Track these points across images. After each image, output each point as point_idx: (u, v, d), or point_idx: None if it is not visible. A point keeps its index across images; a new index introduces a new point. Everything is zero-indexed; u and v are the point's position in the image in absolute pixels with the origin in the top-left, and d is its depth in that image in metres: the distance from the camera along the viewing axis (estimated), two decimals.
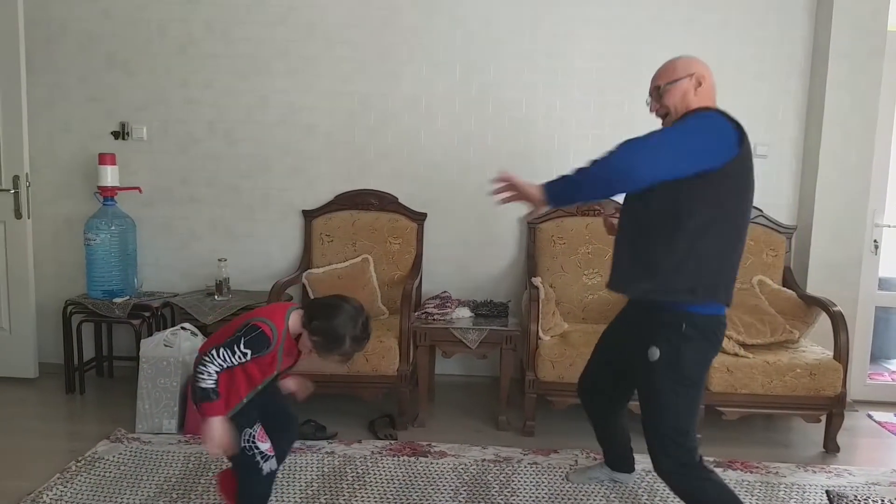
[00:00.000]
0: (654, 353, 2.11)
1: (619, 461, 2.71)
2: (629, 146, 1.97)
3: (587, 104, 3.80)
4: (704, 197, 2.00)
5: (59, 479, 2.66)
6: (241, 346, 2.04)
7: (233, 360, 2.04)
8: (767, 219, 3.71)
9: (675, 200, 2.02)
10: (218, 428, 2.04)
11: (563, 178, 2.05)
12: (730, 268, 2.11)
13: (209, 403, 2.03)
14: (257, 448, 2.19)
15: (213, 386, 2.03)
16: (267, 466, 2.21)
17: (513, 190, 2.09)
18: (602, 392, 2.53)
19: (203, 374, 2.02)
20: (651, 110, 2.25)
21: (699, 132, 2.01)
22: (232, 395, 2.15)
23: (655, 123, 2.27)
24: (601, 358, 2.51)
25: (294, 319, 2.14)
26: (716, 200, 2.01)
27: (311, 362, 2.73)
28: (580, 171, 2.02)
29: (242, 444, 2.16)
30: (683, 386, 2.11)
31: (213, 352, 2.03)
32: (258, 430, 2.20)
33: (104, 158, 3.63)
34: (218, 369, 2.04)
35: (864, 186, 3.64)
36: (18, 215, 3.72)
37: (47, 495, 2.52)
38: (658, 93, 2.18)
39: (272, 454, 2.22)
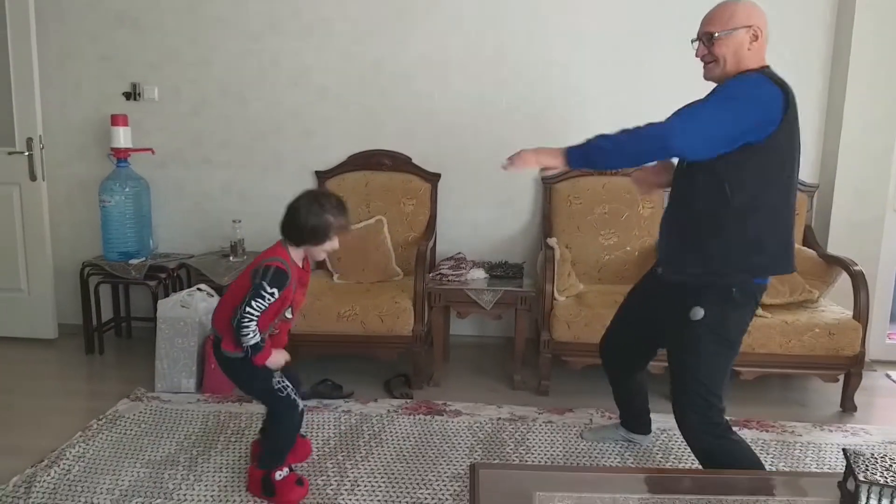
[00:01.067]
0: (698, 312, 2.06)
1: (636, 422, 2.71)
2: (663, 123, 1.92)
3: (602, 64, 3.71)
4: (750, 170, 1.93)
5: (80, 436, 2.70)
6: (268, 289, 2.14)
7: (265, 304, 2.14)
8: None
9: (720, 176, 1.95)
10: (275, 357, 2.25)
11: (589, 144, 2.00)
12: (785, 240, 2.05)
13: (261, 353, 2.20)
14: (288, 386, 2.32)
15: (258, 340, 2.17)
16: (301, 402, 2.34)
17: (524, 163, 2.12)
18: (625, 352, 2.51)
19: (248, 333, 2.14)
20: (697, 54, 2.09)
21: (741, 102, 1.91)
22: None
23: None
24: (627, 317, 2.49)
25: (291, 247, 2.25)
26: (761, 172, 1.95)
27: (325, 324, 2.73)
28: (607, 138, 1.96)
29: (275, 388, 2.29)
30: (723, 347, 2.10)
31: (247, 308, 2.12)
32: (279, 374, 2.33)
33: (116, 119, 3.61)
34: (256, 321, 2.14)
35: (889, 143, 3.55)
36: (33, 177, 3.73)
37: (70, 452, 2.57)
38: (710, 40, 2.01)
39: (300, 392, 2.39)
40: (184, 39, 3.80)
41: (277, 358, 2.27)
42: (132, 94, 3.85)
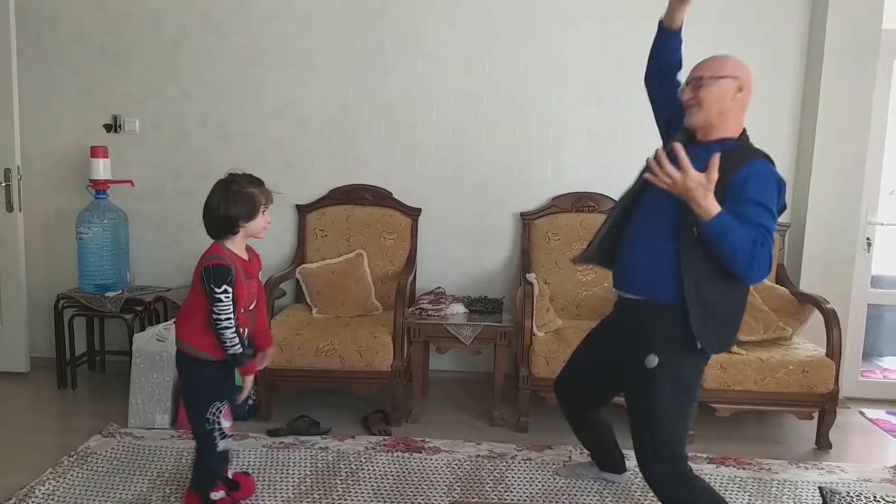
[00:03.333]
0: (653, 360, 2.08)
1: (607, 461, 2.71)
2: (766, 245, 1.90)
3: (584, 99, 3.79)
4: None
5: (51, 473, 2.64)
6: (218, 289, 2.14)
7: (226, 305, 2.15)
8: None
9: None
10: (250, 383, 2.33)
11: (732, 228, 1.89)
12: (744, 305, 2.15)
13: (251, 363, 2.26)
14: (219, 423, 2.28)
15: (242, 349, 2.20)
16: (223, 444, 2.30)
17: (687, 184, 1.88)
18: (582, 393, 2.53)
19: (228, 341, 2.17)
20: (681, 96, 2.18)
21: (773, 193, 2.02)
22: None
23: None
24: (585, 359, 2.49)
25: (228, 242, 2.25)
26: None
27: (304, 359, 2.73)
28: (740, 239, 1.89)
29: (207, 416, 2.26)
30: (680, 393, 2.11)
31: (214, 318, 2.15)
32: (225, 407, 2.30)
33: (96, 151, 3.61)
34: (232, 325, 2.16)
35: (858, 184, 3.65)
36: (10, 208, 3.69)
37: (39, 490, 2.51)
38: (698, 83, 2.11)
39: (231, 434, 2.32)
40: (166, 73, 3.82)
41: (250, 383, 2.32)
42: (113, 126, 3.85)
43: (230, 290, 2.17)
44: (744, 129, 2.16)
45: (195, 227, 3.87)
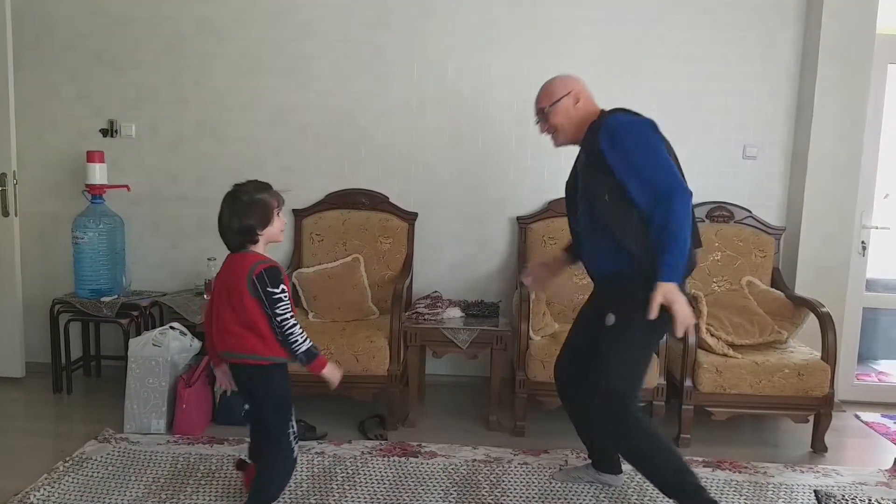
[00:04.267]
0: (610, 318, 2.32)
1: (605, 461, 2.71)
2: (672, 200, 2.13)
3: None
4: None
5: (46, 479, 2.63)
6: (277, 290, 2.16)
7: (287, 303, 2.18)
8: (756, 220, 3.73)
9: (629, 202, 2.21)
10: (334, 371, 2.31)
11: (668, 260, 2.14)
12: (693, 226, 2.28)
13: (317, 360, 2.24)
14: (295, 433, 2.32)
15: (310, 343, 2.22)
16: (297, 449, 2.34)
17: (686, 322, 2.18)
18: (575, 371, 2.56)
19: (296, 338, 2.18)
20: (541, 131, 2.48)
21: (641, 132, 2.25)
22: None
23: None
24: (575, 337, 2.62)
25: (253, 248, 2.26)
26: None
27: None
28: (672, 245, 2.13)
29: (291, 422, 2.29)
30: (632, 345, 2.32)
31: (279, 319, 2.16)
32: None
33: (92, 156, 3.61)
34: (296, 322, 2.19)
35: (853, 188, 3.67)
36: (6, 213, 3.69)
37: (35, 496, 2.50)
38: (543, 114, 2.42)
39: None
40: (162, 77, 3.83)
41: (334, 372, 2.31)
42: (109, 131, 3.85)
43: (287, 291, 2.19)
44: (600, 111, 2.40)
45: (191, 232, 3.91)
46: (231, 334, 2.23)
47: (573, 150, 3.78)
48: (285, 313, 2.17)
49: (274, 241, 2.32)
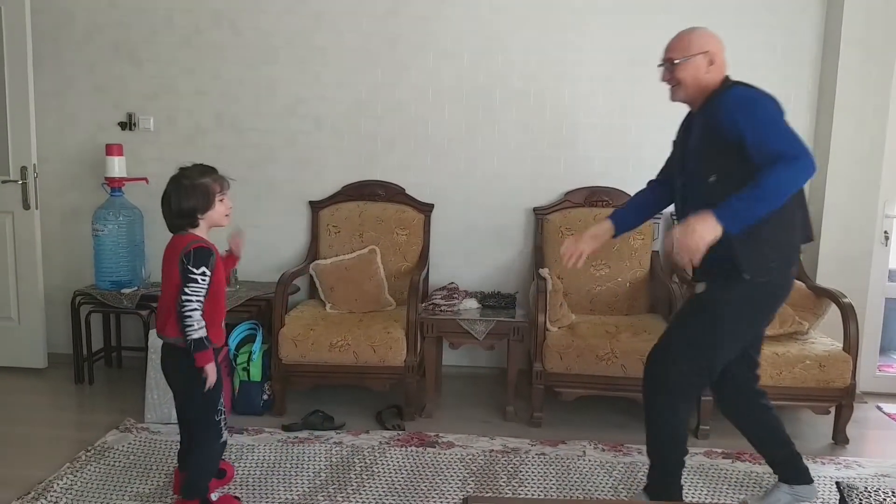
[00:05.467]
0: (700, 286, 2.25)
1: (793, 470, 2.45)
2: (781, 162, 1.98)
3: (595, 93, 3.77)
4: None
5: (69, 468, 2.67)
6: (197, 270, 2.14)
7: (201, 288, 2.14)
8: None
9: (734, 173, 2.07)
10: (213, 372, 2.20)
11: (738, 203, 2.00)
12: (804, 207, 2.26)
13: (204, 352, 2.16)
14: (224, 416, 2.33)
15: (205, 333, 2.15)
16: (226, 434, 2.35)
17: (694, 249, 1.99)
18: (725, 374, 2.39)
19: (195, 323, 2.13)
20: (662, 79, 2.31)
21: (766, 105, 2.09)
22: (216, 328, 2.25)
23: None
24: None
25: (194, 231, 2.24)
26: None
27: (318, 354, 2.73)
28: (756, 189, 1.98)
29: (219, 406, 2.29)
30: (709, 320, 2.20)
31: (183, 297, 2.12)
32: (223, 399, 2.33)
33: (111, 149, 3.63)
34: (198, 308, 2.13)
35: (876, 177, 3.61)
36: (27, 206, 3.73)
37: (58, 484, 2.54)
38: (671, 66, 2.23)
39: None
40: (180, 70, 3.84)
41: (213, 373, 2.20)
42: (128, 124, 3.88)
43: (209, 274, 2.16)
44: (726, 77, 2.24)
45: None
46: (161, 314, 2.25)
47: (594, 140, 3.79)
48: (192, 295, 2.13)
49: (217, 226, 2.30)
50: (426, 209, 3.83)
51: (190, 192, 2.20)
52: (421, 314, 3.27)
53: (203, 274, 2.15)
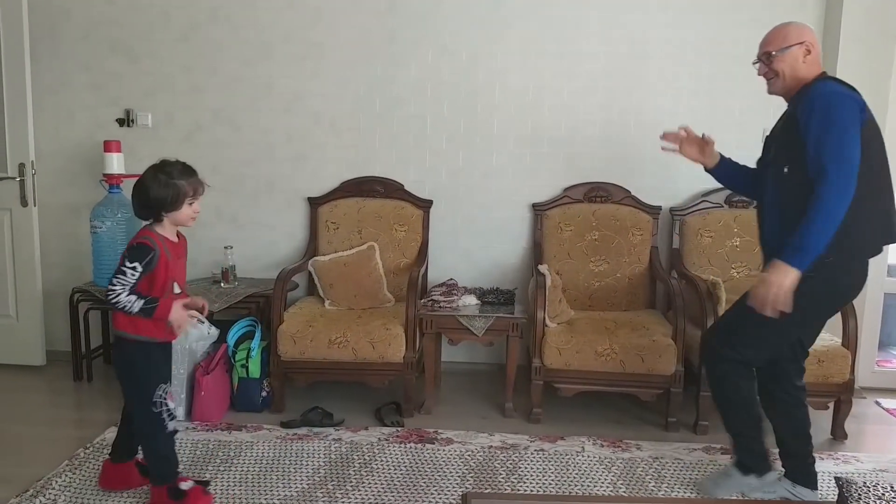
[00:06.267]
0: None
1: (800, 467, 2.50)
2: (830, 184, 2.06)
3: (594, 89, 3.76)
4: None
5: (67, 465, 2.67)
6: (127, 264, 2.16)
7: (126, 279, 2.16)
8: None
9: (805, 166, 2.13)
10: (179, 311, 2.23)
11: (802, 243, 2.10)
12: (879, 216, 2.25)
13: (158, 307, 2.19)
14: (166, 405, 2.32)
15: (140, 301, 2.16)
16: (172, 425, 2.33)
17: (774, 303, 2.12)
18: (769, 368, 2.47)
19: (122, 304, 2.15)
20: (759, 73, 2.38)
21: (838, 110, 2.12)
22: (159, 324, 2.27)
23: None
24: None
25: (158, 226, 2.28)
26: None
27: (316, 351, 2.74)
28: (810, 227, 2.08)
29: (154, 399, 2.28)
30: (772, 321, 2.19)
31: (109, 285, 2.17)
32: (169, 388, 2.33)
33: (109, 146, 3.62)
34: (122, 293, 2.16)
35: None
36: (24, 203, 3.72)
37: (56, 482, 2.54)
38: (769, 58, 2.31)
39: (176, 416, 2.35)
40: (177, 66, 3.83)
41: (180, 312, 2.24)
42: (125, 121, 3.87)
43: (139, 269, 2.18)
44: (822, 73, 2.31)
45: (208, 221, 3.92)
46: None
47: (593, 136, 3.79)
48: (115, 285, 2.15)
49: (181, 225, 2.34)
50: (425, 205, 3.83)
51: (163, 187, 2.22)
52: (420, 310, 3.27)
53: (134, 269, 2.17)
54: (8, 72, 3.62)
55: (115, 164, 3.64)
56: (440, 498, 2.51)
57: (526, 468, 2.75)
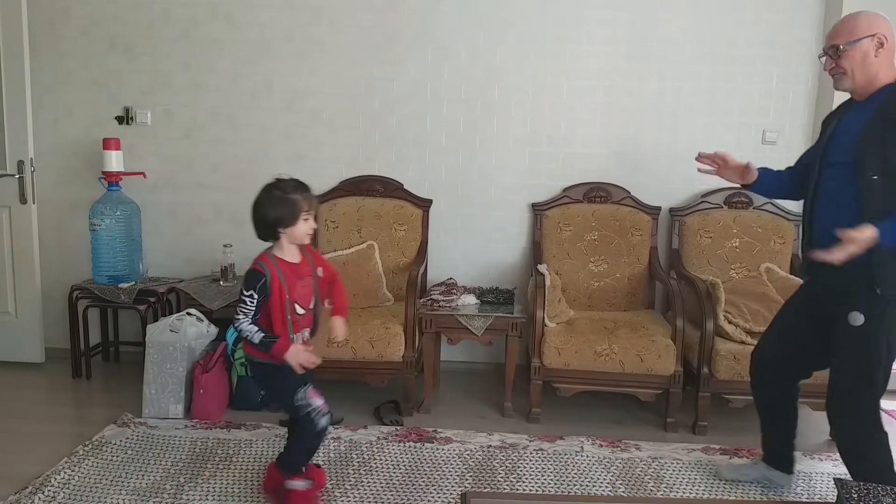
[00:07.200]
0: (858, 318, 2.10)
1: (780, 456, 2.59)
2: None
3: (594, 89, 3.76)
4: None
5: (66, 463, 2.67)
6: (245, 292, 2.20)
7: (247, 307, 2.21)
8: (775, 206, 3.68)
9: None
10: (296, 353, 2.23)
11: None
12: None
13: (275, 346, 2.21)
14: (311, 404, 2.29)
15: (260, 333, 2.21)
16: (323, 421, 2.30)
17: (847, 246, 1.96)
18: (781, 363, 2.45)
19: (247, 333, 2.21)
20: (825, 68, 2.19)
21: None
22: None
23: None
24: (784, 328, 2.47)
25: (276, 247, 2.29)
26: None
27: (318, 348, 2.73)
28: None
29: (297, 403, 2.28)
30: (881, 350, 2.11)
31: (235, 315, 2.23)
32: (309, 388, 2.32)
33: (108, 143, 3.62)
34: (246, 321, 2.22)
35: None
36: (23, 200, 3.72)
37: (55, 479, 2.54)
38: (836, 53, 2.11)
39: (326, 411, 2.32)
40: (176, 64, 3.83)
41: (298, 353, 2.24)
42: (124, 119, 3.86)
43: (256, 295, 2.21)
44: None
45: (207, 219, 3.92)
46: None
47: (592, 136, 3.79)
48: (239, 313, 2.22)
49: (298, 242, 2.32)
50: (424, 204, 3.83)
51: (279, 203, 2.21)
52: (419, 310, 3.27)
53: (250, 296, 2.20)
54: (7, 69, 3.61)
55: (114, 161, 3.63)
56: (439, 497, 2.51)
57: (525, 468, 2.75)
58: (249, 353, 2.36)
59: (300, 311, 2.31)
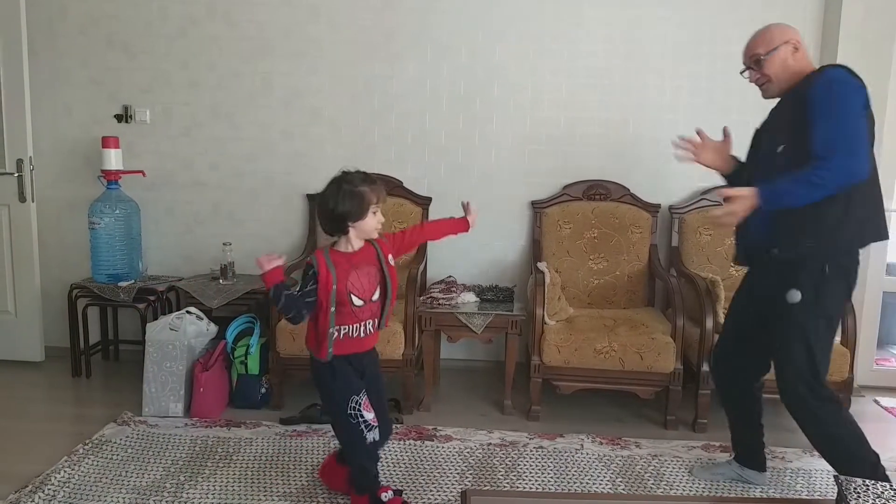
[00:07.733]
0: (795, 295, 2.18)
1: (750, 455, 2.62)
2: (836, 157, 2.03)
3: (593, 87, 3.76)
4: None
5: (66, 461, 2.67)
6: (304, 286, 2.18)
7: (306, 299, 2.16)
8: None
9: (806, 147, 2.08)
10: (267, 264, 2.15)
11: (777, 187, 2.09)
12: (875, 206, 2.22)
13: (266, 278, 2.15)
14: (362, 416, 2.23)
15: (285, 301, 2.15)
16: (370, 436, 2.24)
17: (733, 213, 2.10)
18: (738, 360, 2.49)
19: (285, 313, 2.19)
20: (751, 80, 2.34)
21: (854, 97, 2.10)
22: (322, 335, 2.24)
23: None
24: (735, 323, 2.52)
25: (342, 241, 2.24)
26: None
27: None
28: (796, 183, 2.06)
29: (348, 411, 2.22)
30: (822, 322, 2.20)
31: None
32: (364, 399, 2.25)
33: (107, 142, 3.62)
34: (292, 317, 2.18)
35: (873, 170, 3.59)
36: (22, 199, 3.72)
37: (55, 477, 2.54)
38: (759, 63, 2.27)
39: (376, 424, 2.26)
40: (175, 62, 3.82)
41: (265, 261, 2.16)
42: (124, 117, 3.86)
43: (309, 286, 2.18)
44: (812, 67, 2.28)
45: (207, 217, 3.92)
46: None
47: (592, 133, 3.78)
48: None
49: (367, 237, 2.27)
50: (424, 202, 3.82)
51: (347, 197, 2.16)
52: (419, 308, 3.27)
53: (308, 290, 2.18)
54: (6, 67, 3.61)
55: (113, 159, 3.63)
56: (439, 495, 2.51)
57: (525, 465, 2.75)
58: (309, 346, 2.31)
59: (357, 301, 2.23)
